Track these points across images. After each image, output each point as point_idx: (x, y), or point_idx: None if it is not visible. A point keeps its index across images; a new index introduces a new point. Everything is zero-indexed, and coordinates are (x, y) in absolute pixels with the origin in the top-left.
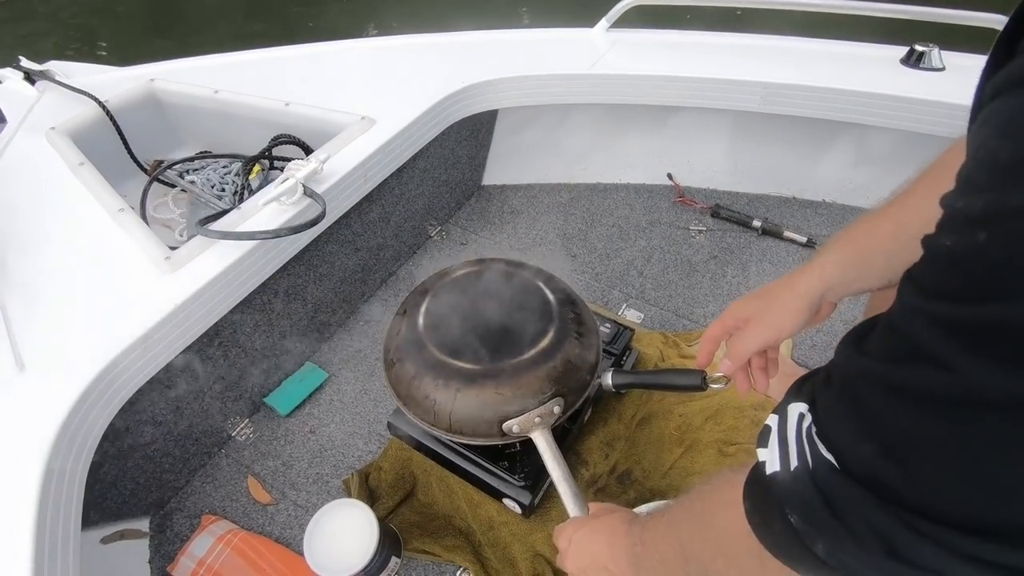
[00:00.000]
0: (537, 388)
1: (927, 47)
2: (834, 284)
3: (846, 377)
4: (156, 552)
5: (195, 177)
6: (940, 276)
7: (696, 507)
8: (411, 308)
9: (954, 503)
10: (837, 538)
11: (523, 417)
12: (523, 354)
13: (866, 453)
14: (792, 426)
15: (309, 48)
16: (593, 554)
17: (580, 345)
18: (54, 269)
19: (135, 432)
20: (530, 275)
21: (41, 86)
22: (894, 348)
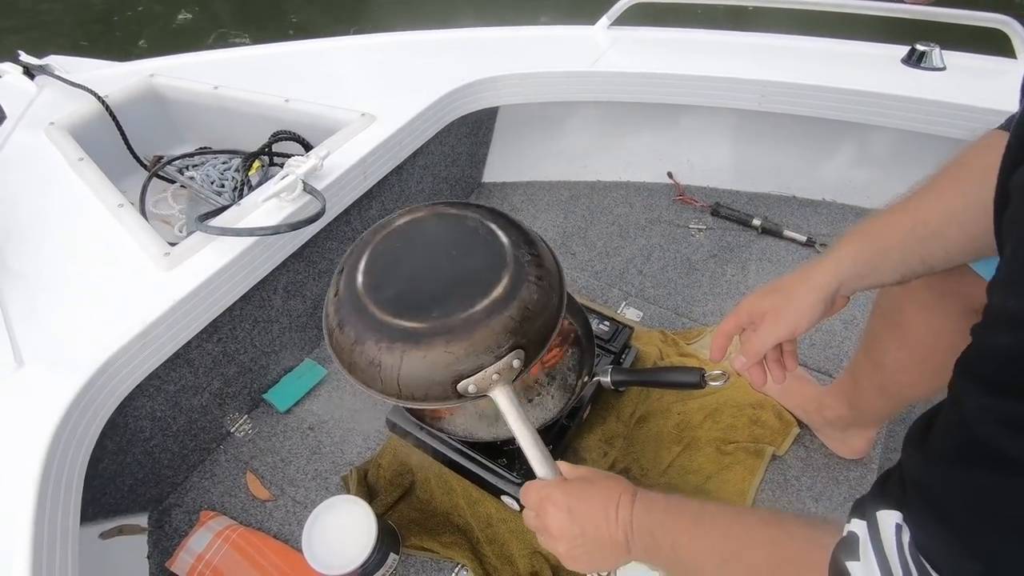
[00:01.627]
0: (492, 342)
1: (928, 47)
2: (848, 278)
3: (923, 488)
4: (155, 547)
5: (195, 173)
6: (1004, 373)
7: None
8: (348, 266)
9: None
10: None
11: (479, 375)
12: (474, 306)
13: (976, 574)
14: (890, 540)
15: (309, 44)
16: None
17: (539, 290)
18: (53, 264)
19: (134, 428)
20: (479, 217)
21: (40, 81)
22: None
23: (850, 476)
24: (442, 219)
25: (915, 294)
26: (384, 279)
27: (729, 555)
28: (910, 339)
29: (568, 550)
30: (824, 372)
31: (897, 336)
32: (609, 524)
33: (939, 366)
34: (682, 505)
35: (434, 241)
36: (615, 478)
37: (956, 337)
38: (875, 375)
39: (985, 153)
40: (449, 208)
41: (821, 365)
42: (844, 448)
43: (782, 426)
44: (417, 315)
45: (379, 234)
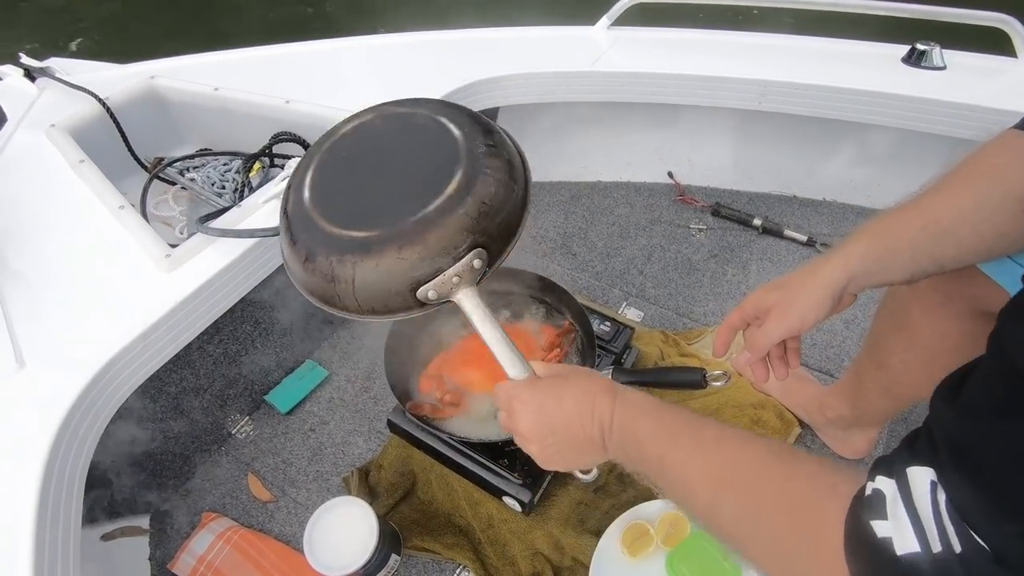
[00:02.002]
0: (448, 243)
1: (928, 46)
2: (857, 275)
3: (958, 442)
4: (156, 549)
5: (195, 175)
6: None
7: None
8: (295, 182)
9: None
10: None
11: (438, 280)
12: (426, 206)
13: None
14: (923, 498)
15: (310, 45)
16: (560, 413)
17: (497, 182)
18: (54, 266)
19: (135, 429)
20: (429, 112)
21: (41, 83)
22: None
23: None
24: (390, 120)
25: (922, 296)
26: (332, 190)
27: (729, 485)
28: (916, 340)
29: (540, 450)
30: (825, 372)
31: (903, 338)
32: (583, 421)
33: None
34: (678, 419)
35: (383, 144)
36: (591, 374)
37: (962, 338)
38: (879, 376)
39: (999, 152)
40: (397, 107)
41: (822, 365)
42: (845, 448)
43: (783, 426)
44: (366, 223)
45: (324, 144)
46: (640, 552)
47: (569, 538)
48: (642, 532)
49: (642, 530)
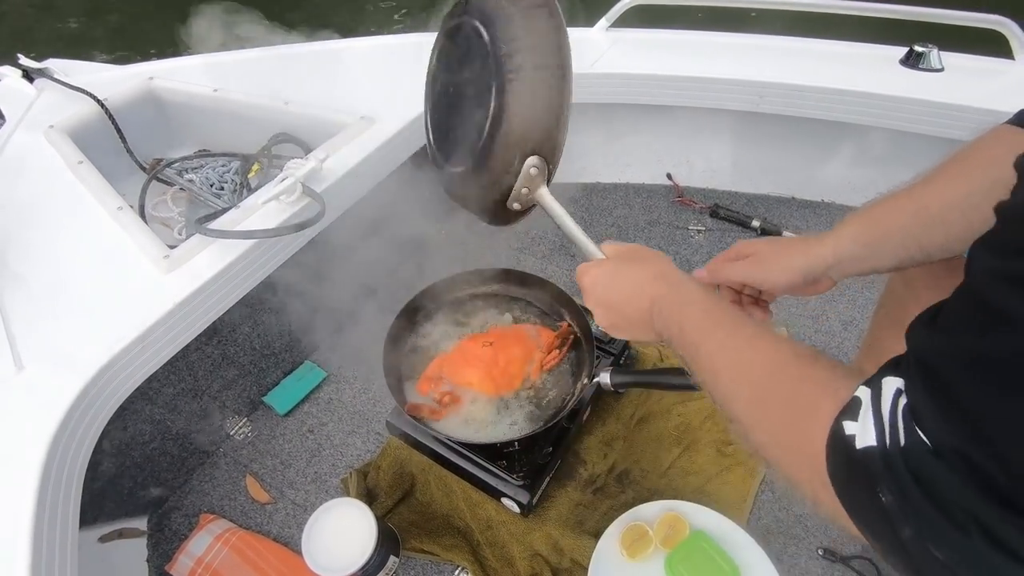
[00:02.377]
0: (503, 165)
1: (926, 48)
2: (845, 258)
3: (925, 358)
4: (154, 551)
5: (194, 176)
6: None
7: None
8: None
9: None
10: (928, 523)
11: (512, 194)
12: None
13: (957, 436)
14: (888, 402)
15: (308, 47)
16: (618, 291)
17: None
18: (53, 268)
19: (133, 431)
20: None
21: (40, 84)
22: (972, 318)
23: None
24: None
25: (919, 295)
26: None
27: (748, 378)
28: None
29: (604, 319)
30: None
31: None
32: (637, 301)
33: None
34: (720, 313)
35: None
36: (656, 258)
37: None
38: None
39: (993, 144)
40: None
41: None
42: None
43: None
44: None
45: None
46: (639, 553)
47: (568, 539)
48: (641, 534)
49: (641, 531)
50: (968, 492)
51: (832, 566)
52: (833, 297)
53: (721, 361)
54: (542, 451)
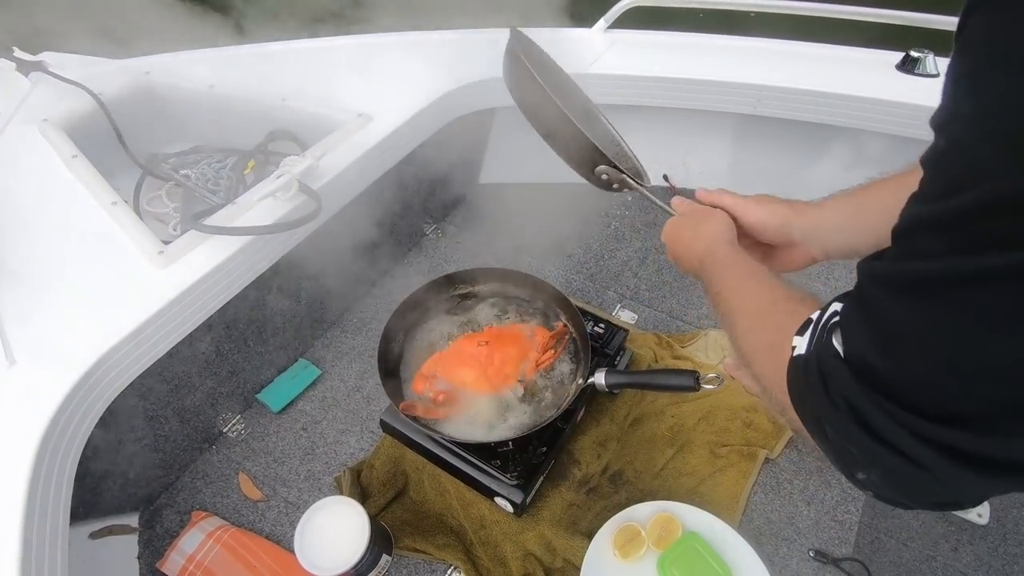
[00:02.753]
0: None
1: (922, 53)
2: (825, 225)
3: (860, 282)
4: (145, 548)
5: (190, 171)
6: (927, 185)
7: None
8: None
9: (922, 389)
10: (822, 405)
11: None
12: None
13: (862, 343)
14: (823, 318)
15: (306, 44)
16: (681, 246)
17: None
18: (46, 262)
19: (125, 427)
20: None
21: (34, 77)
22: (896, 252)
23: (842, 479)
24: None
25: None
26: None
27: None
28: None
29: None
30: None
31: None
32: (692, 256)
33: None
34: (740, 268)
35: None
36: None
37: None
38: None
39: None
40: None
41: None
42: None
43: (775, 429)
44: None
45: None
46: (632, 554)
47: (561, 539)
48: (634, 534)
49: (634, 532)
50: (854, 386)
51: (823, 567)
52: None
53: (732, 302)
54: (536, 451)
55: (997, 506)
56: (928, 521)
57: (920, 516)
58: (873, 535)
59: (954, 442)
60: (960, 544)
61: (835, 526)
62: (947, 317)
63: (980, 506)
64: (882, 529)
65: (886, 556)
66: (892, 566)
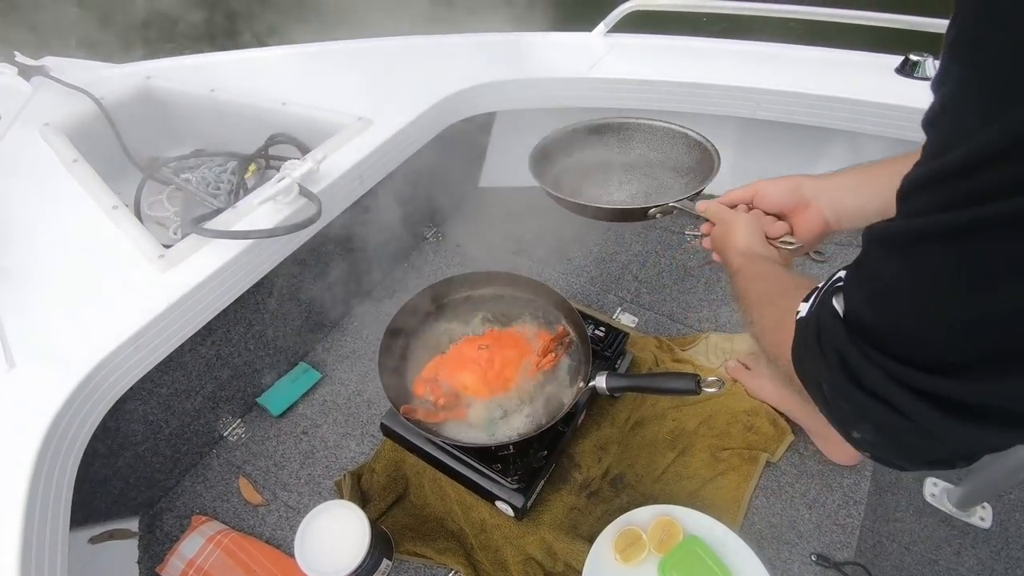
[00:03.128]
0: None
1: (921, 57)
2: (835, 187)
3: (863, 246)
4: (145, 552)
5: (190, 175)
6: (925, 147)
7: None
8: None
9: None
10: (816, 360)
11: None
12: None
13: (858, 300)
14: (826, 285)
15: (306, 48)
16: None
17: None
18: (47, 266)
19: (125, 431)
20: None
21: (36, 82)
22: (896, 214)
23: (844, 483)
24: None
25: None
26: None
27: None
28: None
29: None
30: None
31: None
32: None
33: None
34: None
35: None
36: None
37: None
38: None
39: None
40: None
41: None
42: (840, 453)
43: (776, 433)
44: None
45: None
46: (633, 558)
47: (562, 543)
48: (635, 538)
49: (635, 536)
50: (844, 338)
51: (825, 572)
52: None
53: (750, 295)
54: (537, 455)
55: (1000, 510)
56: (931, 525)
57: (923, 520)
58: (875, 539)
59: (940, 390)
60: (963, 548)
61: (837, 530)
62: (934, 270)
63: (983, 510)
64: (884, 533)
65: (888, 560)
66: (894, 570)
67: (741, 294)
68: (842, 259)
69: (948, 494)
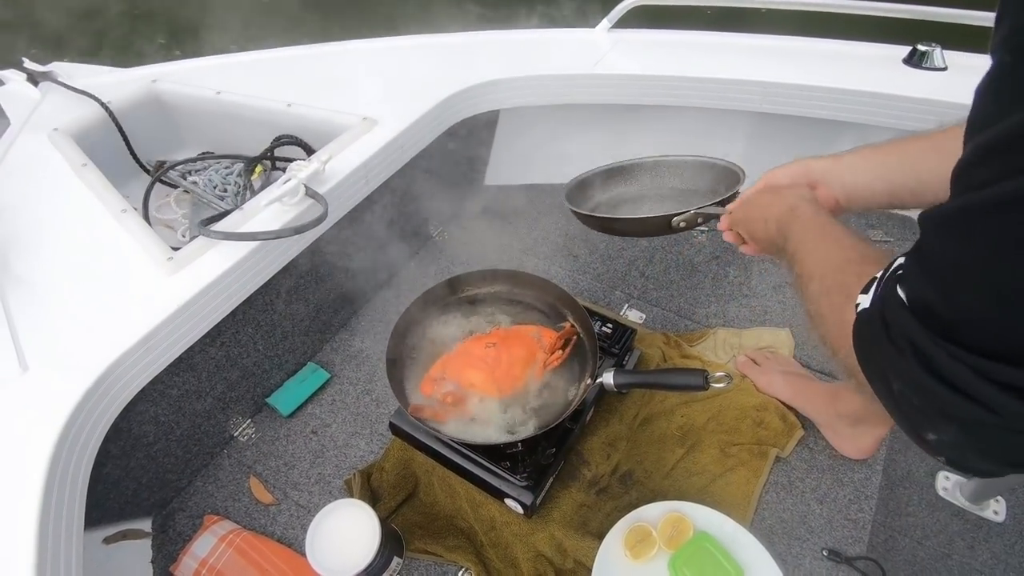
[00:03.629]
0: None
1: (929, 47)
2: (842, 167)
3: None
4: (159, 552)
5: (197, 178)
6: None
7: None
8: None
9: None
10: (888, 355)
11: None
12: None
13: (920, 286)
14: (887, 274)
15: (311, 49)
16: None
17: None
18: (57, 270)
19: (137, 432)
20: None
21: (44, 87)
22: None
23: (855, 478)
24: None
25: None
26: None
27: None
28: None
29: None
30: (828, 374)
31: None
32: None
33: None
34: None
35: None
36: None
37: None
38: None
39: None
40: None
41: (825, 367)
42: (851, 447)
43: (786, 428)
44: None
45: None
46: (643, 555)
47: (571, 540)
48: (644, 535)
49: (644, 533)
50: (918, 329)
51: (837, 567)
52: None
53: (807, 263)
54: (545, 452)
55: (1014, 504)
56: (943, 519)
57: (935, 514)
58: (887, 533)
59: (1019, 381)
60: (976, 542)
61: (848, 525)
62: (992, 247)
63: (996, 503)
64: (896, 528)
65: (900, 555)
66: (907, 565)
67: (800, 252)
68: None
69: (961, 488)
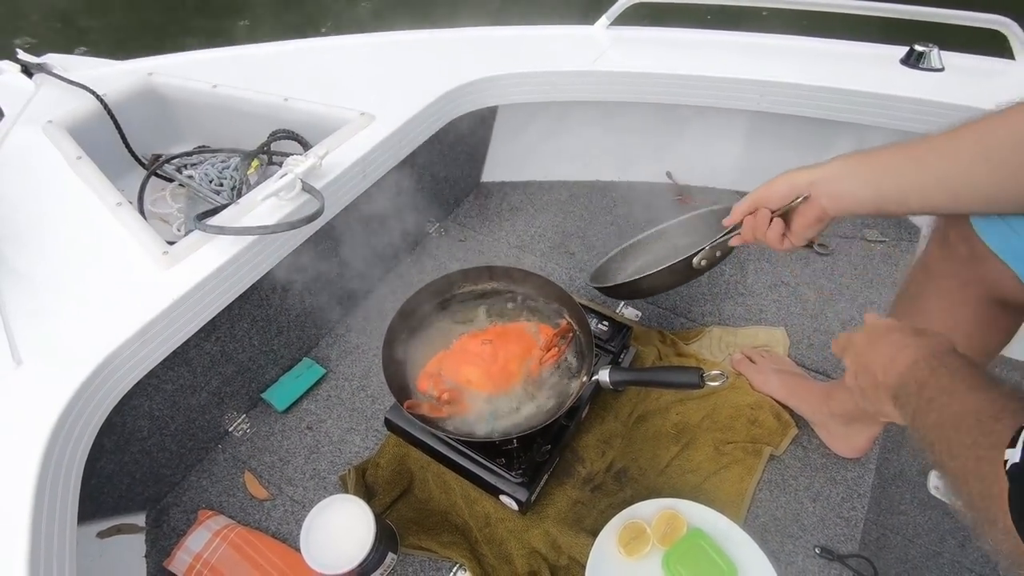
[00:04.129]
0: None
1: (927, 47)
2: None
3: None
4: (152, 547)
5: (193, 172)
6: None
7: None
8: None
9: None
10: None
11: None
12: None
13: None
14: None
15: (308, 43)
16: (886, 345)
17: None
18: (51, 263)
19: (132, 427)
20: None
21: (38, 79)
22: None
23: (848, 476)
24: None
25: (938, 283)
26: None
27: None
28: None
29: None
30: (823, 372)
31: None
32: (908, 358)
33: None
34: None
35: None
36: (932, 331)
37: (973, 328)
38: None
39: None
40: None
41: (820, 366)
42: (845, 446)
43: (780, 426)
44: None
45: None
46: (636, 552)
47: (566, 537)
48: (639, 532)
49: (639, 529)
50: None
51: (829, 564)
52: (832, 297)
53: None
54: (540, 449)
55: None
56: (935, 517)
57: (927, 512)
58: (879, 532)
59: None
60: (967, 540)
61: (841, 523)
62: None
63: None
64: (888, 526)
65: (892, 553)
66: (898, 562)
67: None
68: (845, 253)
69: None
